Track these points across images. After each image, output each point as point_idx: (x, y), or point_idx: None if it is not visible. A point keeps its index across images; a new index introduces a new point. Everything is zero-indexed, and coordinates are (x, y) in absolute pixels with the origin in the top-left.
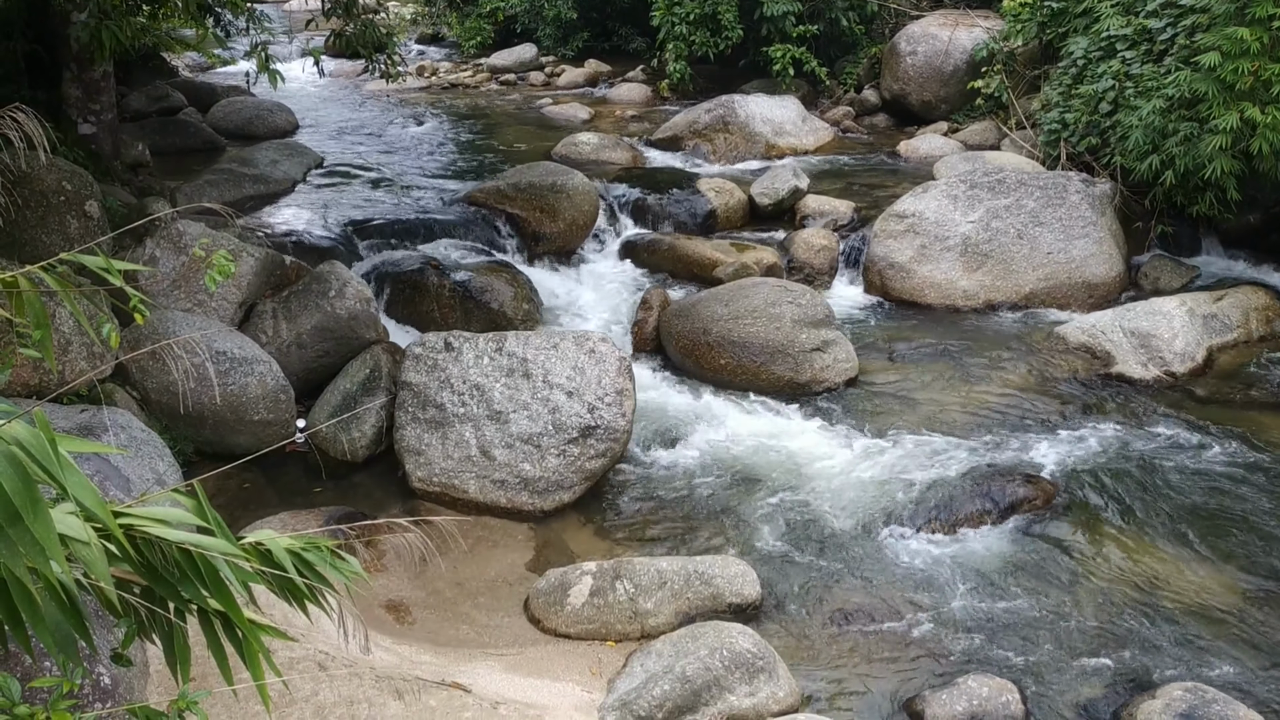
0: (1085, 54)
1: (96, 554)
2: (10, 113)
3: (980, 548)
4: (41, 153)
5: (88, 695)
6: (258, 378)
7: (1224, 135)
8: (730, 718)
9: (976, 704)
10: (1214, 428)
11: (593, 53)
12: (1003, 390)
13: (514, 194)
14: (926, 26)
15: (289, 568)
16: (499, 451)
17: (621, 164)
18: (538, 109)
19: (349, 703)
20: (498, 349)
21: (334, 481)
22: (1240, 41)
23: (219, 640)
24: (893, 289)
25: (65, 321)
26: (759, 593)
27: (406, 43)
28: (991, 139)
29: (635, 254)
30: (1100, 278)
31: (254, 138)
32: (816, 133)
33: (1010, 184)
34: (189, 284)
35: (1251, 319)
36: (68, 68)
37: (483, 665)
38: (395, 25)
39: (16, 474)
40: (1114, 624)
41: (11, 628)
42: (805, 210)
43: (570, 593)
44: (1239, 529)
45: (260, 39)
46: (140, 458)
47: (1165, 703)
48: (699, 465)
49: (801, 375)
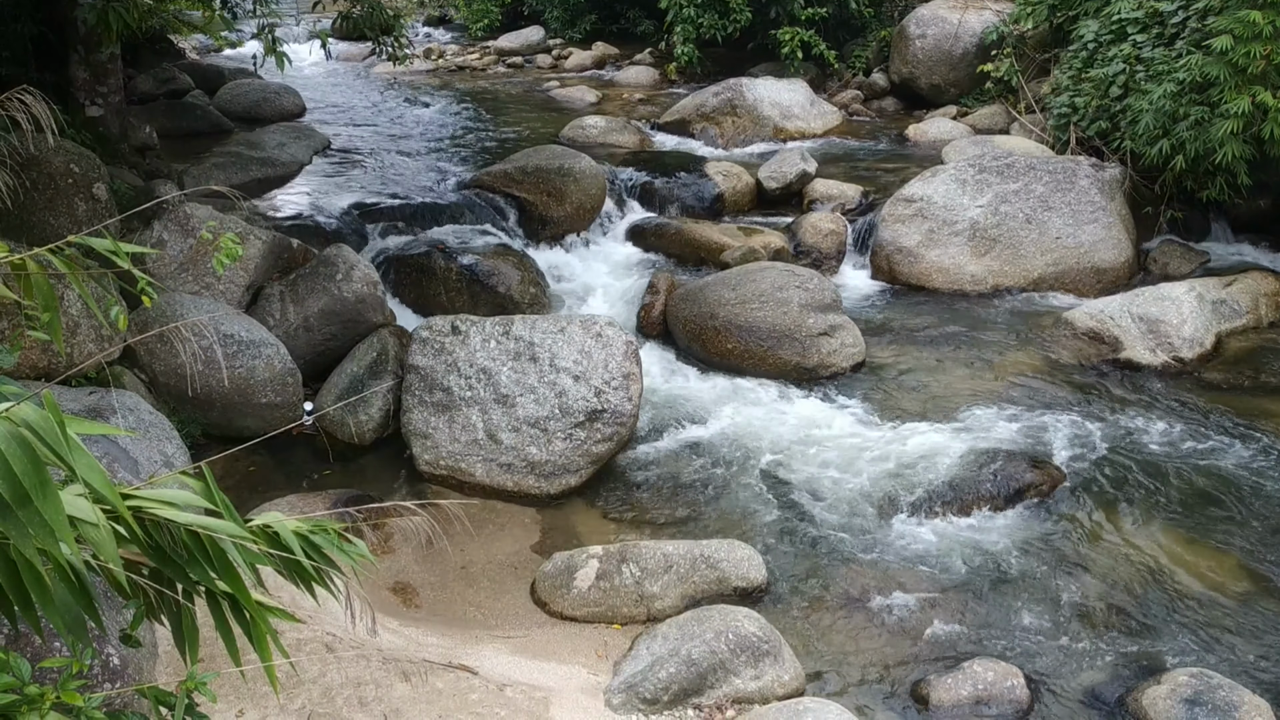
0: (1096, 37)
1: (105, 536)
2: (18, 95)
3: (987, 533)
4: (49, 135)
5: (97, 675)
6: (265, 360)
7: (1235, 120)
8: (736, 701)
9: (982, 688)
10: (1222, 414)
11: (600, 35)
12: (1010, 375)
13: (521, 177)
14: (936, 9)
15: (296, 550)
16: (506, 435)
17: (629, 147)
18: (545, 92)
19: (356, 684)
20: (505, 332)
21: (341, 464)
22: (1252, 25)
23: (227, 622)
24: (900, 273)
25: (73, 304)
26: (765, 576)
27: (413, 25)
28: (1001, 123)
29: (642, 237)
30: (1109, 263)
31: (261, 120)
32: (825, 116)
33: (1019, 168)
34: (197, 267)
35: (1261, 304)
36: (75, 50)
37: (489, 647)
38: (402, 8)
39: (26, 456)
40: (1120, 609)
41: (21, 609)
42: (813, 194)
43: (576, 576)
44: (1247, 515)
45: (267, 21)
46: (148, 440)
47: (1171, 688)
48: (705, 449)
49: (809, 360)
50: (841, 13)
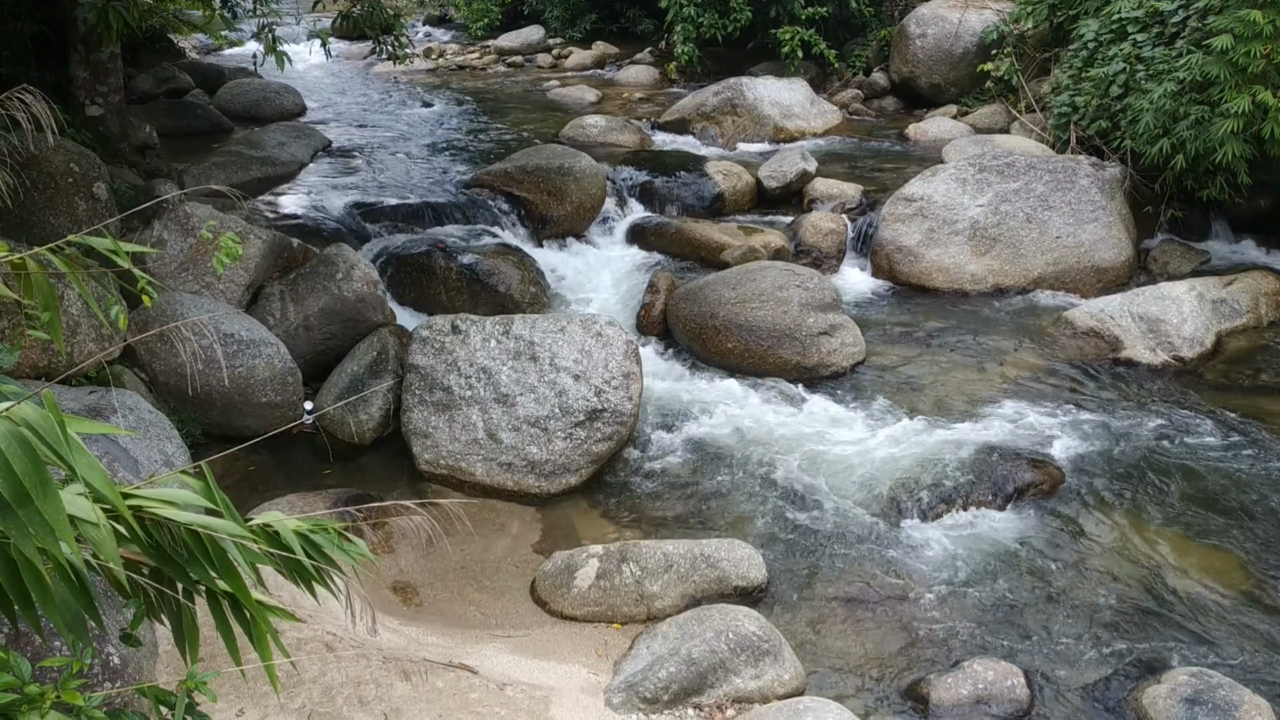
0: (1096, 36)
1: (105, 535)
2: (18, 94)
3: (986, 532)
4: (49, 134)
5: (97, 675)
6: (265, 360)
7: (1235, 119)
8: (736, 700)
9: (982, 688)
10: (1223, 413)
11: (600, 35)
12: (1010, 374)
13: (521, 176)
14: (936, 9)
15: (297, 549)
16: (506, 434)
17: (629, 146)
18: (545, 91)
19: (356, 683)
20: (505, 332)
21: (341, 464)
22: (1253, 24)
23: (227, 621)
24: (901, 273)
25: (74, 303)
26: (765, 576)
27: (414, 24)
28: (1001, 122)
29: (642, 237)
30: (1109, 262)
31: (261, 120)
32: (825, 116)
33: (1019, 168)
34: (197, 266)
35: (1261, 304)
36: (75, 49)
37: (489, 647)
38: (402, 7)
39: (26, 455)
40: (1120, 609)
41: (22, 608)
42: (813, 193)
43: (577, 575)
44: (1247, 515)
45: (267, 20)
46: (148, 439)
47: (1171, 687)
48: (705, 449)
49: (809, 359)
50: (842, 12)
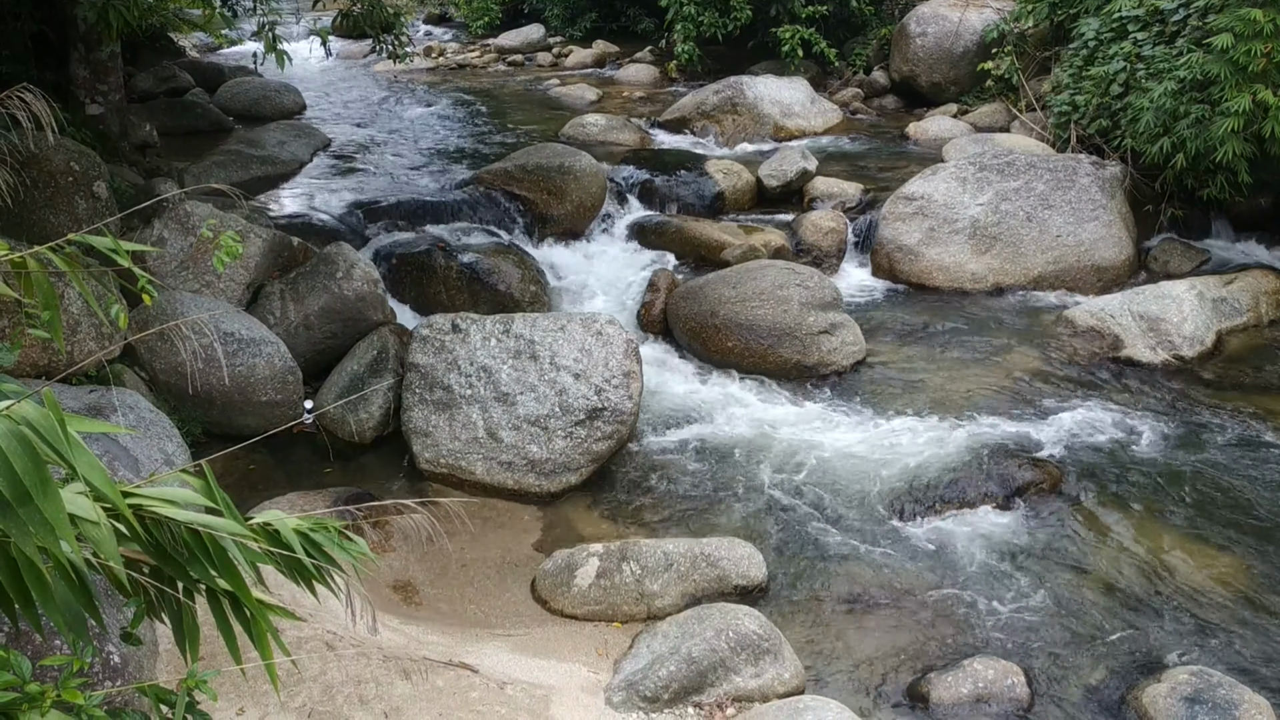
0: (1096, 35)
1: (106, 534)
2: (18, 93)
3: (986, 531)
4: (49, 133)
5: (98, 673)
6: (265, 359)
7: (1236, 118)
8: (736, 699)
9: (982, 686)
10: (1223, 412)
11: (600, 34)
12: (1010, 373)
13: (521, 175)
14: (936, 7)
15: (297, 548)
16: (506, 433)
17: (629, 145)
18: (545, 90)
19: (356, 682)
20: (505, 331)
21: (341, 462)
22: (1253, 23)
23: (227, 620)
24: (901, 271)
25: (74, 302)
26: (765, 574)
27: (414, 23)
28: (1001, 121)
29: (643, 236)
30: (1110, 261)
31: (261, 118)
32: (825, 114)
33: (1020, 166)
34: (197, 265)
35: (1262, 303)
36: (75, 48)
37: (490, 645)
38: (402, 5)
39: (26, 454)
40: (1120, 608)
41: (22, 607)
42: (813, 192)
43: (577, 574)
44: (1247, 513)
45: (267, 19)
46: (149, 438)
47: (1171, 686)
48: (706, 447)
49: (809, 358)
50: (842, 10)
